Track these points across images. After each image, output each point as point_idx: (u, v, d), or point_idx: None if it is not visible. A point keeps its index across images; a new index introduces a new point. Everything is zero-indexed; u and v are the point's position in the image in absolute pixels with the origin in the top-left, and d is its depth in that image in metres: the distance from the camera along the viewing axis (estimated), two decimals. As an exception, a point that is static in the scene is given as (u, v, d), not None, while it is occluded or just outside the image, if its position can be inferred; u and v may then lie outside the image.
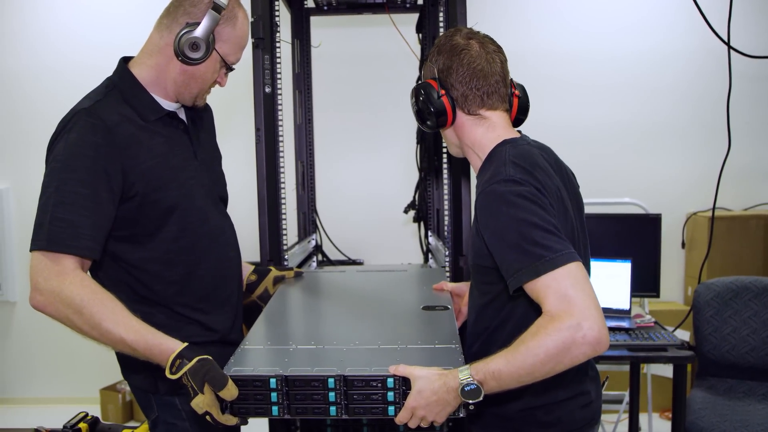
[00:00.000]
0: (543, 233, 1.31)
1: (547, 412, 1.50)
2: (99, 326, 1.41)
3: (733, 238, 3.89)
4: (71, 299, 1.40)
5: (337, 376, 1.34)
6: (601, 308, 1.26)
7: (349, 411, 1.36)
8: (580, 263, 1.29)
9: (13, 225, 4.38)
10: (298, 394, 1.36)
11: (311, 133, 2.98)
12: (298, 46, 2.89)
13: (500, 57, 1.56)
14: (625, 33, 4.12)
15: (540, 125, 1.96)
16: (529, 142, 1.56)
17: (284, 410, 1.37)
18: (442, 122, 1.56)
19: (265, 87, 2.11)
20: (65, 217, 1.44)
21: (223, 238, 1.77)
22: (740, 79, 2.77)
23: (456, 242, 2.14)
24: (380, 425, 2.11)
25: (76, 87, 1.74)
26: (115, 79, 1.65)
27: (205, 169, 1.77)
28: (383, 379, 1.34)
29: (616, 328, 2.70)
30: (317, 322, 1.87)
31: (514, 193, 1.36)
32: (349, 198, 4.18)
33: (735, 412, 2.69)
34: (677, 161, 4.18)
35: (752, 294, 2.92)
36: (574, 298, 1.24)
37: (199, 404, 1.35)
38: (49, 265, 1.43)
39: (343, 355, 1.47)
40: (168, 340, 1.43)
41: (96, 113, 1.54)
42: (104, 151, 1.51)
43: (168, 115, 1.68)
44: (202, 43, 1.58)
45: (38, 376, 4.48)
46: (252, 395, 1.37)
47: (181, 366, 1.38)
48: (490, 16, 3.99)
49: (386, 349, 1.50)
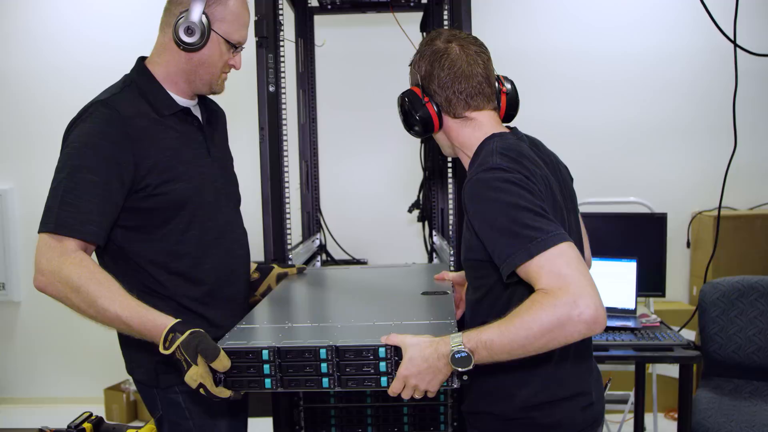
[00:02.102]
0: (532, 216, 1.29)
1: (547, 414, 1.48)
2: (95, 304, 1.43)
3: (738, 237, 3.87)
4: (69, 278, 1.43)
5: (329, 347, 1.35)
6: (600, 296, 1.22)
7: (342, 383, 1.36)
8: (572, 243, 1.28)
9: (17, 225, 4.38)
10: (291, 366, 1.36)
11: (315, 132, 2.97)
12: (301, 45, 2.89)
13: (483, 57, 1.54)
14: (630, 31, 4.11)
15: (543, 123, 1.96)
16: (519, 136, 1.54)
17: (277, 383, 1.38)
18: (429, 129, 1.57)
19: (268, 86, 2.10)
20: (74, 203, 1.49)
21: (231, 235, 1.80)
22: (746, 77, 2.75)
23: (460, 242, 2.12)
24: (384, 414, 2.12)
25: (81, 87, 1.75)
26: (133, 76, 1.71)
27: (218, 166, 1.80)
28: (375, 348, 1.34)
29: (621, 328, 2.69)
30: (315, 306, 1.89)
31: (501, 179, 1.35)
32: (354, 197, 4.17)
33: (741, 413, 2.67)
34: (682, 160, 4.17)
35: (758, 293, 2.90)
36: (568, 276, 1.22)
37: (192, 376, 1.36)
38: (53, 246, 1.46)
39: (337, 331, 1.47)
40: (161, 316, 1.44)
41: (112, 105, 1.59)
42: (118, 141, 1.56)
43: (182, 111, 1.72)
44: (196, 27, 1.62)
45: (42, 376, 4.49)
46: (245, 368, 1.37)
47: (174, 340, 1.39)
48: (495, 13, 3.98)
49: (381, 325, 1.50)
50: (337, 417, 2.18)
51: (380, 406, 2.17)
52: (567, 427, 1.49)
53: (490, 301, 1.49)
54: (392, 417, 2.17)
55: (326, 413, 2.18)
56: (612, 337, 2.59)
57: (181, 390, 1.66)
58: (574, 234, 1.53)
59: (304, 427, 2.20)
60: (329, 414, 2.18)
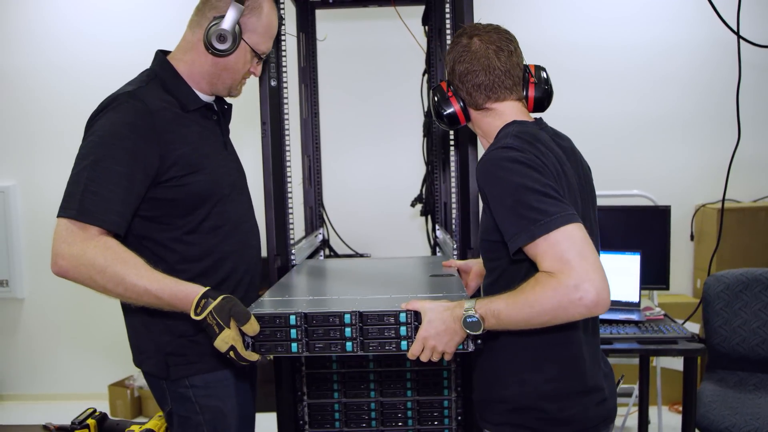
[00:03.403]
0: (539, 196, 1.32)
1: (560, 408, 1.47)
2: (123, 281, 1.46)
3: (742, 229, 3.86)
4: (94, 260, 1.46)
5: (353, 312, 1.46)
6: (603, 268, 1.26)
7: (365, 347, 1.46)
8: (578, 224, 1.29)
9: (20, 222, 4.39)
10: (317, 330, 1.47)
11: (317, 127, 2.96)
12: (303, 40, 2.88)
13: (506, 50, 1.56)
14: (632, 23, 4.09)
15: (546, 116, 1.94)
16: (542, 126, 1.57)
17: (303, 347, 1.47)
18: (455, 122, 1.64)
19: (270, 80, 2.10)
20: (98, 191, 1.50)
21: (246, 225, 1.84)
22: (749, 68, 2.74)
23: (464, 235, 2.13)
24: (387, 409, 2.14)
25: (83, 84, 1.76)
26: (157, 69, 1.74)
27: (233, 159, 1.86)
28: (396, 314, 1.44)
29: (625, 321, 2.68)
30: (331, 287, 1.99)
31: (510, 158, 1.38)
32: (356, 192, 4.17)
33: (745, 405, 2.67)
34: (686, 152, 4.15)
35: (762, 286, 2.90)
36: (571, 260, 1.25)
37: (225, 338, 1.42)
38: (75, 231, 1.48)
39: (357, 302, 1.57)
40: (191, 285, 1.50)
41: (139, 97, 1.62)
42: (143, 133, 1.58)
43: (205, 107, 1.77)
44: (229, 35, 1.65)
45: (46, 372, 4.50)
46: (273, 333, 1.47)
47: (206, 305, 1.44)
48: (497, 6, 3.96)
49: (398, 297, 1.59)
50: (341, 412, 2.19)
51: (384, 401, 2.18)
52: (580, 422, 1.48)
53: (503, 285, 1.49)
54: (396, 410, 2.17)
55: (330, 408, 2.19)
56: (616, 331, 2.58)
57: (192, 384, 1.69)
58: (589, 222, 1.51)
59: (308, 422, 2.20)
60: (333, 409, 2.19)
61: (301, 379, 2.19)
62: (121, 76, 1.78)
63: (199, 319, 1.44)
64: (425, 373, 2.17)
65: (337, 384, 2.18)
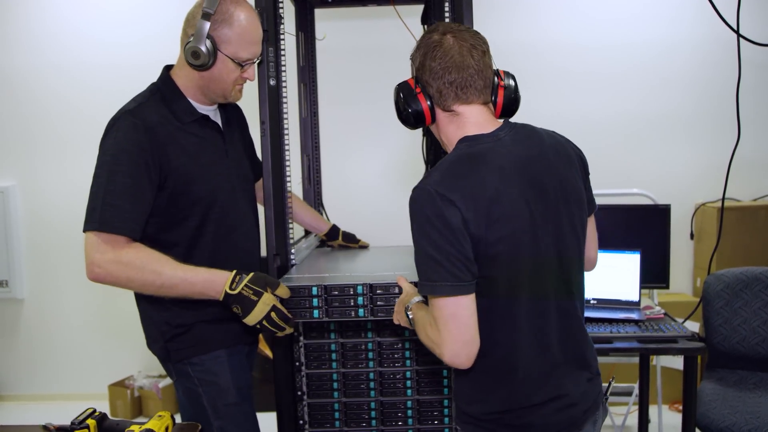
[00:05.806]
0: (429, 262, 1.42)
1: (518, 416, 1.50)
2: (162, 274, 1.72)
3: (742, 228, 3.85)
4: (132, 261, 1.71)
5: (365, 284, 1.84)
6: (467, 335, 1.43)
7: (374, 312, 1.84)
8: (447, 298, 1.40)
9: (20, 222, 4.38)
10: (335, 299, 1.82)
11: (317, 126, 2.96)
12: (302, 39, 2.87)
13: (478, 50, 1.52)
14: (632, 22, 4.09)
15: (545, 116, 1.95)
16: (498, 137, 1.51)
17: (323, 313, 1.84)
18: (421, 120, 1.59)
19: (269, 80, 2.09)
20: (114, 203, 1.71)
21: (243, 228, 2.01)
22: (749, 67, 2.73)
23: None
24: (387, 408, 2.15)
25: (83, 85, 1.79)
26: (159, 84, 1.91)
27: (236, 166, 2.02)
28: (399, 285, 1.79)
29: (625, 320, 2.68)
30: (346, 265, 2.28)
31: (420, 212, 1.43)
32: (356, 191, 4.17)
33: (746, 404, 2.67)
34: (686, 151, 4.15)
35: (763, 285, 2.90)
36: (440, 327, 1.43)
37: (265, 300, 1.74)
38: (105, 240, 1.70)
39: (368, 277, 1.91)
40: (218, 270, 1.77)
41: (139, 114, 1.79)
42: (145, 147, 1.76)
43: (203, 118, 1.91)
44: (201, 51, 1.77)
45: (46, 372, 4.50)
46: (297, 301, 1.83)
47: (240, 280, 1.75)
48: (496, 5, 3.95)
49: (399, 274, 1.92)
50: (341, 412, 2.19)
51: (384, 401, 2.18)
52: (539, 427, 1.51)
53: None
54: (396, 410, 2.18)
55: (330, 408, 2.19)
56: (616, 330, 2.58)
57: (190, 362, 1.94)
58: (550, 236, 1.49)
59: (308, 422, 2.21)
60: (333, 408, 2.19)
61: (301, 378, 2.20)
62: (121, 77, 1.81)
63: (234, 293, 1.73)
64: (425, 373, 2.17)
65: (337, 383, 2.19)
